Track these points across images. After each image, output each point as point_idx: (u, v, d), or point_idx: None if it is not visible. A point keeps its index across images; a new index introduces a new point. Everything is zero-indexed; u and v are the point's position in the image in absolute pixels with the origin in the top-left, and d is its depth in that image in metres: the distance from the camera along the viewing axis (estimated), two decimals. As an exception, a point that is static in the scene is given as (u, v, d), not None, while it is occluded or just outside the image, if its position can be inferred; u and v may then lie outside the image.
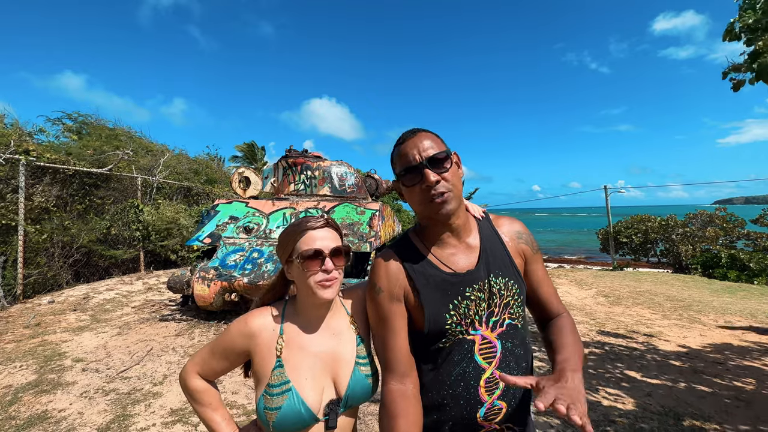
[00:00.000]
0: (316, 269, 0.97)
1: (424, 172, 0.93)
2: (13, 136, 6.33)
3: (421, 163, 0.93)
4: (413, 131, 0.99)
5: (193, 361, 1.05)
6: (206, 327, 4.66)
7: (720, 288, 8.06)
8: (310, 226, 1.00)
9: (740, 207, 42.79)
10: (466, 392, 0.93)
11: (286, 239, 1.02)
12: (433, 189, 0.93)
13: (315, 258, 0.97)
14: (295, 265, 0.99)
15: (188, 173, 11.55)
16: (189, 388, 1.03)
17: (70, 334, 4.44)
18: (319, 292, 0.97)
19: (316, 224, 1.00)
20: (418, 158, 0.94)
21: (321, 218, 1.02)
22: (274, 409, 0.91)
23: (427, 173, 0.92)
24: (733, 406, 2.87)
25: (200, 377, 1.04)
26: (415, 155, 0.94)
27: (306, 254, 0.97)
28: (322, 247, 0.97)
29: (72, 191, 7.30)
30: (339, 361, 1.00)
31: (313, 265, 0.97)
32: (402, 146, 0.98)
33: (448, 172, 0.95)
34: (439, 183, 0.93)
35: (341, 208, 5.30)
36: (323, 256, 0.97)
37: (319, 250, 0.97)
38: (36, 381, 3.23)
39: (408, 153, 0.96)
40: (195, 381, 1.03)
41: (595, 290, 7.72)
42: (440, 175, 0.93)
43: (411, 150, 0.95)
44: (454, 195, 0.95)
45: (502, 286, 0.97)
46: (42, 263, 6.45)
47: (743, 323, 5.23)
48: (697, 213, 11.89)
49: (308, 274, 0.97)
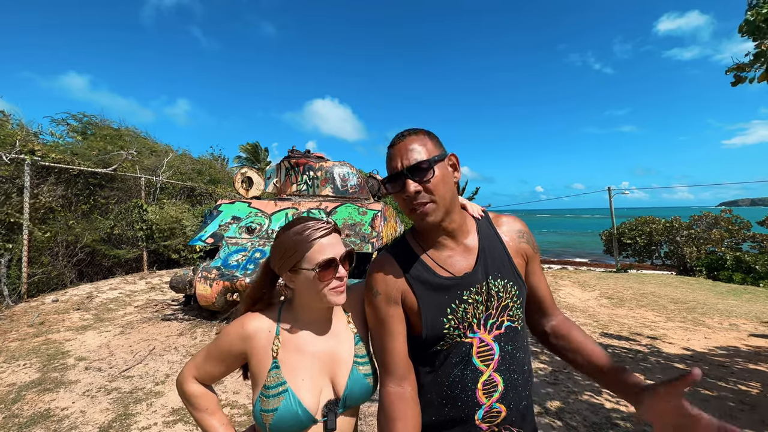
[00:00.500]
0: (331, 277, 0.95)
1: (405, 182, 0.90)
2: (19, 135, 6.39)
3: (402, 171, 0.90)
4: (404, 134, 0.95)
5: (189, 365, 1.03)
6: (208, 327, 4.67)
7: (725, 290, 7.99)
8: (320, 235, 0.96)
9: (746, 209, 42.45)
10: (463, 394, 0.92)
11: (290, 249, 0.97)
12: (414, 200, 0.90)
13: (329, 267, 0.95)
14: (304, 274, 0.96)
15: (192, 173, 11.61)
16: (186, 393, 1.02)
17: (74, 332, 4.47)
18: (333, 299, 0.96)
19: (324, 231, 0.97)
20: (400, 166, 0.91)
21: (326, 224, 0.99)
22: (271, 411, 0.90)
23: (407, 183, 0.89)
24: (737, 410, 2.84)
25: (197, 382, 1.02)
26: (397, 163, 0.91)
27: (322, 264, 0.94)
28: (335, 255, 0.95)
29: (77, 191, 7.36)
30: (337, 361, 0.99)
31: (328, 274, 0.95)
32: (390, 151, 0.96)
33: (431, 181, 0.90)
34: (420, 194, 0.90)
35: (343, 209, 5.30)
36: (336, 263, 0.96)
37: (333, 258, 0.95)
38: (39, 379, 3.25)
39: (392, 159, 0.93)
40: (192, 386, 1.02)
41: (599, 292, 7.67)
42: (423, 185, 0.90)
43: (395, 156, 0.93)
44: (438, 205, 0.91)
45: (500, 288, 0.96)
46: (46, 262, 6.50)
47: (748, 326, 5.18)
48: (702, 215, 11.79)
49: (324, 283, 0.95)
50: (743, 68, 3.09)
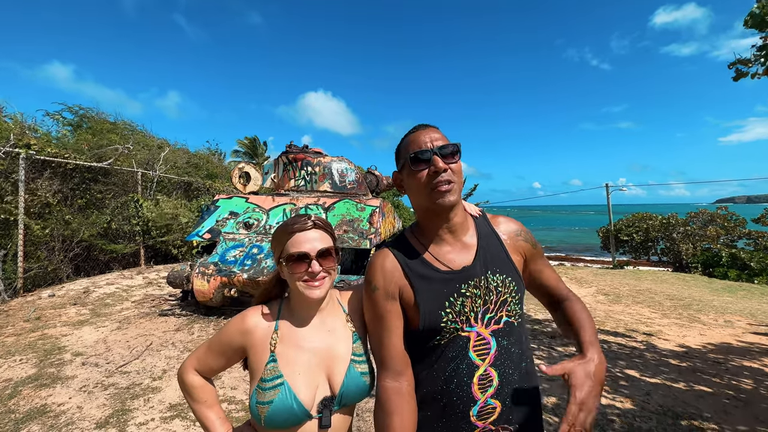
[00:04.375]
0: (302, 271, 0.98)
1: (433, 158, 0.95)
2: (15, 129, 6.31)
3: (432, 150, 0.96)
4: (424, 125, 1.03)
5: (191, 357, 1.06)
6: (206, 322, 4.66)
7: (720, 287, 8.05)
8: (297, 228, 1.00)
9: (742, 206, 42.60)
10: (459, 389, 0.93)
11: (275, 241, 1.04)
12: (440, 176, 0.95)
13: (301, 260, 0.98)
14: (283, 266, 1.01)
15: (188, 168, 11.54)
16: (186, 384, 1.04)
17: (70, 328, 4.45)
18: (306, 292, 0.98)
19: (304, 226, 1.01)
20: (430, 145, 0.97)
21: (308, 219, 1.02)
22: (266, 404, 0.91)
23: (436, 159, 0.94)
24: (731, 406, 2.87)
25: (198, 374, 1.05)
26: (426, 142, 0.98)
27: (292, 257, 0.98)
28: (307, 250, 0.98)
29: (73, 185, 7.30)
30: (334, 358, 1.00)
31: (299, 268, 0.98)
32: (413, 134, 1.02)
33: (456, 164, 0.97)
34: (447, 171, 0.95)
35: (341, 205, 5.28)
36: (309, 258, 0.98)
37: (305, 252, 0.98)
38: (35, 375, 3.24)
39: (419, 140, 0.99)
40: (192, 377, 1.04)
41: (595, 288, 7.71)
42: (448, 165, 0.96)
43: (423, 137, 0.99)
44: (457, 187, 0.97)
45: (499, 283, 0.98)
46: (42, 257, 6.46)
47: (743, 323, 5.23)
48: (698, 212, 11.85)
49: (295, 276, 0.99)
50: (746, 63, 3.08)
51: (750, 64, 3.03)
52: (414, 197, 1.03)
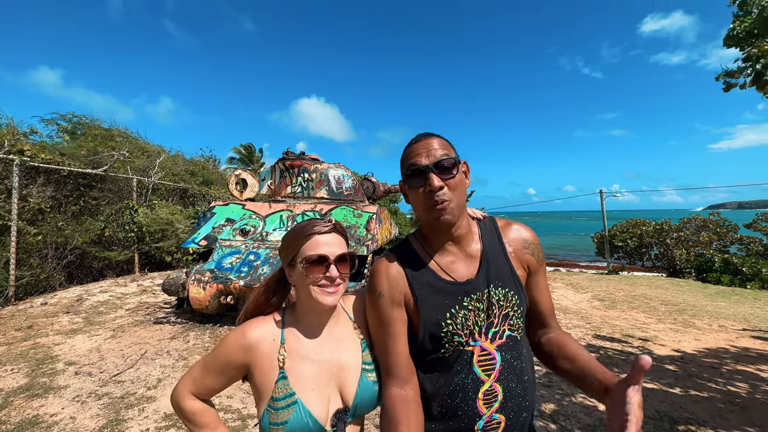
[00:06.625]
0: (320, 275, 0.93)
1: (429, 175, 0.92)
2: (8, 135, 6.27)
3: (428, 166, 0.92)
4: (424, 134, 0.99)
5: (185, 380, 0.97)
6: (201, 330, 4.62)
7: (714, 292, 8.12)
8: (317, 231, 0.96)
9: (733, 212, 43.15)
10: (464, 404, 0.92)
11: (290, 242, 0.98)
12: (435, 195, 0.92)
13: (319, 264, 0.94)
14: (298, 269, 0.95)
15: (184, 174, 11.50)
16: (184, 411, 0.96)
17: (63, 336, 4.39)
18: (321, 298, 0.94)
19: (323, 229, 0.97)
20: (426, 161, 0.93)
21: (329, 223, 0.98)
22: (280, 424, 0.86)
23: (431, 177, 0.91)
24: (727, 410, 2.88)
25: (195, 397, 0.96)
26: (423, 157, 0.94)
27: (310, 259, 0.93)
28: (327, 253, 0.94)
29: (66, 192, 7.24)
30: (344, 369, 0.97)
31: (317, 271, 0.93)
32: (413, 146, 0.98)
33: (454, 179, 0.93)
34: (442, 190, 0.92)
35: (338, 211, 5.29)
36: (328, 262, 0.94)
37: (324, 255, 0.94)
38: (27, 385, 3.18)
39: (417, 154, 0.95)
40: (189, 402, 0.96)
41: (591, 294, 7.75)
42: (445, 182, 0.92)
43: (420, 151, 0.95)
44: (455, 205, 0.93)
45: (501, 297, 0.96)
46: (35, 264, 6.38)
47: (737, 327, 5.27)
48: (691, 218, 12.01)
49: (311, 279, 0.94)
50: (733, 75, 3.17)
51: (736, 75, 3.12)
52: (415, 210, 1.01)
